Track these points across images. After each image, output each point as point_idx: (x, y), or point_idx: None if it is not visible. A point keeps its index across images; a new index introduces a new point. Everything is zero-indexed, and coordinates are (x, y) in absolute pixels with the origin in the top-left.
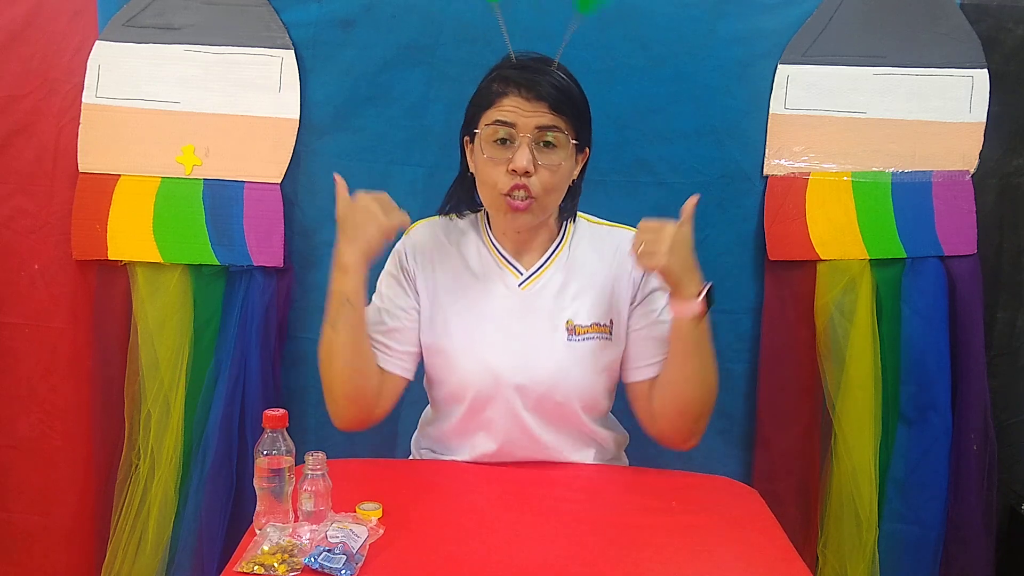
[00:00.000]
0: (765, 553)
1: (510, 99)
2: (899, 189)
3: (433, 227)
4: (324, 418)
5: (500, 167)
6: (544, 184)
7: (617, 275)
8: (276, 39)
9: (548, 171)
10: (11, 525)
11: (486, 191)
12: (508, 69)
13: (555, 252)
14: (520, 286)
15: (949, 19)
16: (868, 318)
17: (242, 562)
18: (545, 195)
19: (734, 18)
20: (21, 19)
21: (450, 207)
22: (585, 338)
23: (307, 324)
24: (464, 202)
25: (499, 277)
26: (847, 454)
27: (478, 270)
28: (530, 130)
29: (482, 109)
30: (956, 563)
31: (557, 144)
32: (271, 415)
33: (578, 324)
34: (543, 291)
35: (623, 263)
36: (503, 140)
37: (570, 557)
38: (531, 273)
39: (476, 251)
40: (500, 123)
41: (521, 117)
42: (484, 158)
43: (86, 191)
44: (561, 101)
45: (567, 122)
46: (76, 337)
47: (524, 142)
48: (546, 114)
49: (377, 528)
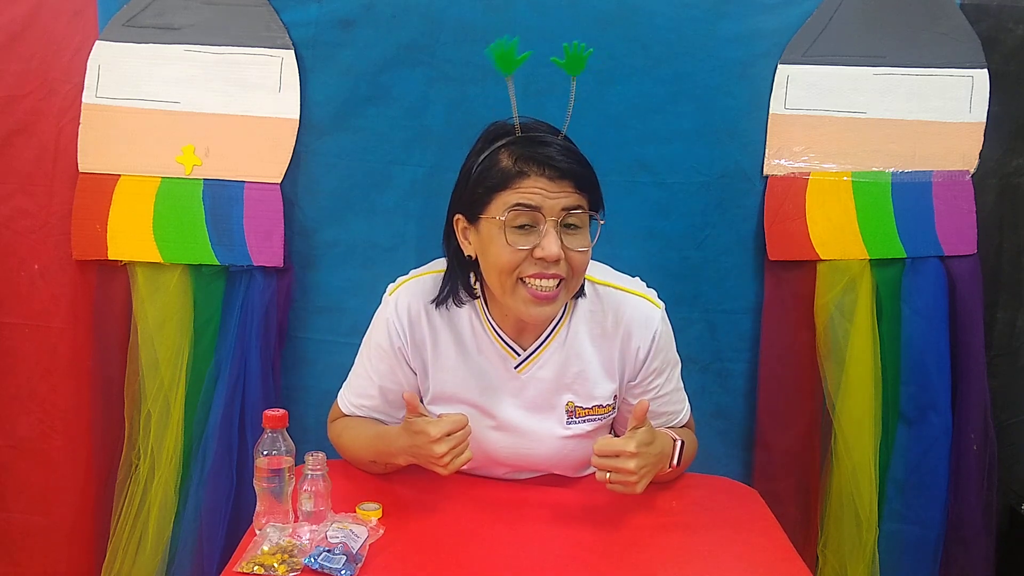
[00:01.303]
0: (765, 553)
1: (532, 180)
2: (899, 189)
3: (419, 295)
4: (324, 418)
5: (522, 254)
6: (575, 269)
7: (620, 351)
8: (276, 39)
9: (578, 255)
10: (11, 525)
11: (501, 279)
12: (519, 145)
13: (554, 331)
14: (516, 369)
15: (949, 19)
16: (868, 318)
17: (242, 562)
18: (574, 279)
19: (734, 18)
20: (21, 19)
21: (449, 297)
22: (586, 420)
23: (307, 324)
24: (464, 290)
25: (496, 358)
26: (847, 454)
27: (473, 350)
28: (556, 213)
29: (495, 190)
30: (956, 563)
31: (581, 224)
32: (271, 415)
33: (579, 406)
34: (541, 373)
35: (627, 337)
36: (523, 225)
37: (570, 557)
38: (528, 355)
39: (470, 329)
40: (524, 207)
41: (547, 199)
42: (504, 246)
43: (86, 191)
44: (583, 177)
45: (588, 199)
46: (76, 337)
47: (551, 226)
48: (572, 194)
49: (377, 528)
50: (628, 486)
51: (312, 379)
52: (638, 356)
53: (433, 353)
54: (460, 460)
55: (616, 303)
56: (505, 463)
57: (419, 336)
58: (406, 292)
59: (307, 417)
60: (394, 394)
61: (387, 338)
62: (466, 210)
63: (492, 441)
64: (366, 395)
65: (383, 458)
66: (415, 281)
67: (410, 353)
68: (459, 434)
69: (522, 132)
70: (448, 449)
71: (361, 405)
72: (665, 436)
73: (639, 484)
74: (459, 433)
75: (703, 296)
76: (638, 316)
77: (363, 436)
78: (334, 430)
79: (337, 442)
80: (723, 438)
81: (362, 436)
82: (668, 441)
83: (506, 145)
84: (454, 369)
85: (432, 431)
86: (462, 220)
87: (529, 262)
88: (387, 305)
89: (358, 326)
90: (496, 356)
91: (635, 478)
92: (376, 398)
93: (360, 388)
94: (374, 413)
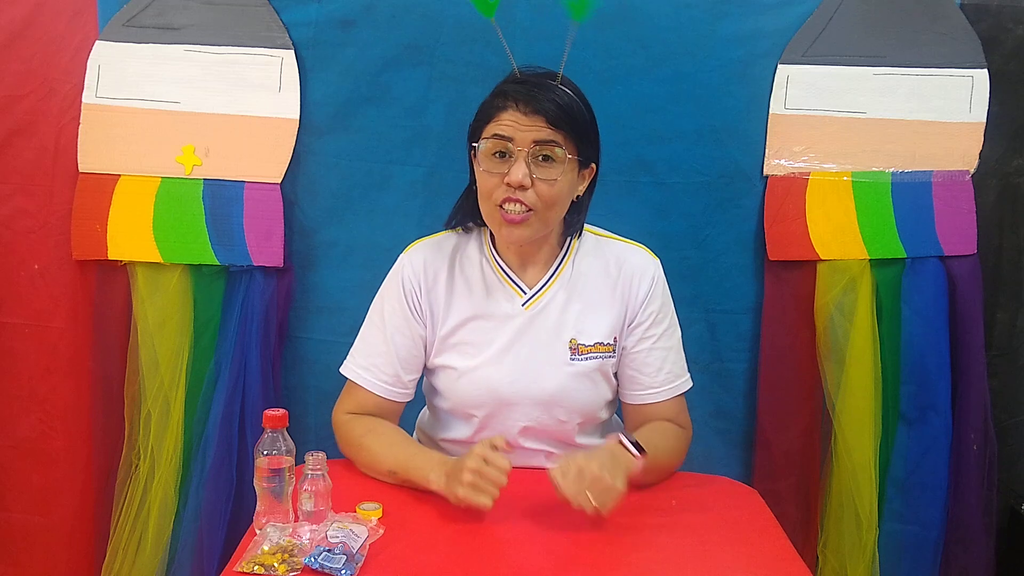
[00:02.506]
0: (765, 553)
1: (508, 113)
2: (899, 189)
3: (433, 248)
4: (324, 418)
5: (495, 179)
6: (542, 197)
7: (621, 293)
8: (276, 39)
9: (545, 185)
10: (11, 525)
11: (483, 203)
12: (510, 84)
13: (558, 269)
14: (524, 306)
15: (949, 19)
16: (868, 318)
17: (242, 562)
18: (545, 209)
19: (734, 18)
20: (21, 19)
21: (456, 221)
22: (588, 357)
23: (307, 324)
24: (470, 215)
25: (502, 295)
26: (847, 454)
27: (480, 288)
28: (527, 144)
29: (483, 123)
30: (956, 563)
31: (555, 159)
32: (271, 415)
33: (581, 344)
34: (546, 310)
35: (628, 280)
36: (501, 153)
37: (570, 557)
38: (534, 292)
39: (479, 267)
40: (497, 137)
41: (518, 131)
42: (481, 171)
43: (86, 191)
44: (559, 116)
45: (566, 137)
46: (76, 337)
47: (520, 156)
48: (544, 128)
49: (377, 528)
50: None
51: (312, 379)
52: (638, 296)
53: (446, 298)
54: (478, 499)
55: (617, 250)
56: (511, 400)
57: (431, 281)
58: (420, 247)
59: (307, 417)
60: (405, 349)
61: (399, 288)
62: (470, 141)
63: (499, 378)
64: (376, 353)
65: (407, 473)
66: (428, 240)
67: (422, 299)
68: (493, 471)
69: (521, 75)
70: (476, 467)
71: (371, 365)
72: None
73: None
74: (493, 471)
75: (703, 296)
76: (639, 261)
77: (395, 445)
78: (354, 429)
79: (356, 441)
80: (723, 438)
81: (394, 445)
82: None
83: (503, 84)
84: (464, 311)
85: (477, 449)
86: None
87: (502, 189)
88: (400, 261)
89: (358, 326)
90: (503, 294)
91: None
92: (386, 355)
93: (370, 348)
94: (383, 375)
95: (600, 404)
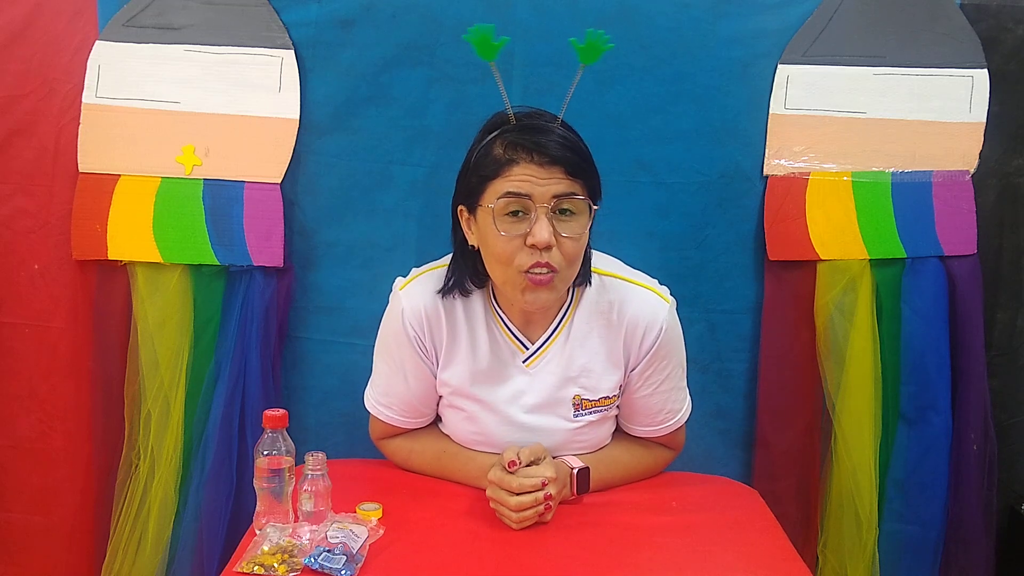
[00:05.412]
0: (765, 553)
1: (521, 167)
2: (899, 189)
3: (430, 291)
4: (324, 418)
5: (516, 242)
6: (566, 256)
7: (625, 344)
8: (276, 39)
9: (570, 242)
10: (11, 525)
11: (500, 269)
12: (512, 132)
13: (561, 323)
14: (525, 363)
15: (949, 19)
16: (868, 318)
17: (242, 562)
18: (567, 267)
19: (734, 18)
20: (21, 19)
21: (455, 287)
22: (593, 411)
23: (307, 324)
24: (469, 279)
25: (505, 352)
26: (847, 454)
27: (484, 345)
28: (547, 200)
29: (488, 179)
30: (956, 563)
31: (576, 211)
32: (271, 415)
33: (586, 399)
34: (549, 367)
35: (632, 331)
36: (514, 212)
37: (570, 557)
38: (536, 349)
39: (483, 324)
40: (513, 195)
41: (536, 186)
42: (498, 235)
43: (86, 191)
44: (576, 163)
45: (583, 185)
46: (76, 337)
47: (542, 214)
48: (563, 180)
49: (377, 528)
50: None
51: (312, 379)
52: (641, 348)
53: (447, 349)
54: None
55: (621, 294)
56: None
57: (435, 331)
58: (420, 288)
59: (307, 417)
60: (423, 391)
61: (404, 336)
62: (466, 200)
63: (501, 435)
64: (394, 392)
65: (454, 478)
66: (426, 276)
67: (426, 342)
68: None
69: (518, 120)
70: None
71: (391, 403)
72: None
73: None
74: (507, 511)
75: (703, 296)
76: (644, 308)
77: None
78: (397, 454)
79: (404, 465)
80: (723, 438)
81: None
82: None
83: (500, 134)
84: (465, 364)
85: (493, 476)
86: (464, 211)
87: (524, 252)
88: (400, 300)
89: (358, 326)
90: (506, 351)
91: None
92: (405, 394)
93: (389, 388)
94: (404, 411)
95: (603, 440)
